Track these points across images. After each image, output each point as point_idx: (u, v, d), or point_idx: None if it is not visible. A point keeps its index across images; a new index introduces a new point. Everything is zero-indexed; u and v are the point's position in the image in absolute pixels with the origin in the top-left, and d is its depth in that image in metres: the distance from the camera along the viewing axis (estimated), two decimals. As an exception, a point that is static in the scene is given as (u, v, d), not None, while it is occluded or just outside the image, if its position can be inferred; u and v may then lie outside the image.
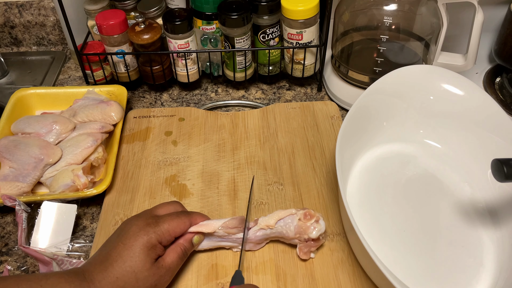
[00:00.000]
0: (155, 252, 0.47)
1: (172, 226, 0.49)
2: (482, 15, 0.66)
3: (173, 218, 0.49)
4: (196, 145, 0.67)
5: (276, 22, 0.72)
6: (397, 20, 0.69)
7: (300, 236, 0.51)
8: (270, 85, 0.81)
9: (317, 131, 0.69)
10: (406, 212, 0.57)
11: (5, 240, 0.58)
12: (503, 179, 0.46)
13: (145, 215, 0.50)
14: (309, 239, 0.51)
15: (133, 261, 0.45)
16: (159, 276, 0.47)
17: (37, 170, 0.60)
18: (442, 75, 0.61)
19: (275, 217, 0.52)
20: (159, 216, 0.50)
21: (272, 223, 0.51)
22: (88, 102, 0.69)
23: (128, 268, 0.45)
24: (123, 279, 0.45)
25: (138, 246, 0.46)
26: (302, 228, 0.51)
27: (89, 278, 0.44)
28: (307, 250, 0.52)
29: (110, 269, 0.45)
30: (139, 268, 0.45)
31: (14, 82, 0.84)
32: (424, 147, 0.64)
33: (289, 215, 0.51)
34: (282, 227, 0.51)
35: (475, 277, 0.51)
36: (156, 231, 0.47)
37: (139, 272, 0.45)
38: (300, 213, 0.51)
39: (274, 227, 0.51)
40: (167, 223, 0.48)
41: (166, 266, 0.48)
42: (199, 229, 0.51)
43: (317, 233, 0.50)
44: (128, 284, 0.45)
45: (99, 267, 0.45)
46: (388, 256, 0.51)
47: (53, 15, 0.89)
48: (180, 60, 0.74)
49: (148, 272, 0.46)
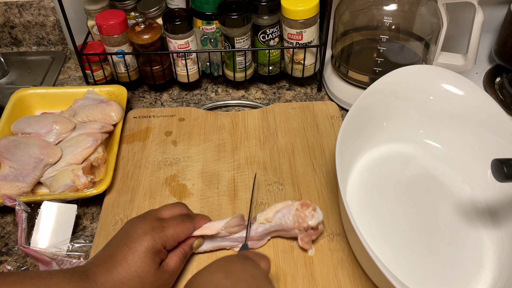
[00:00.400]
0: (159, 257, 0.47)
1: (177, 232, 0.49)
2: (482, 15, 0.66)
3: (178, 223, 0.49)
4: (196, 145, 0.67)
5: (276, 22, 0.72)
6: (397, 20, 0.69)
7: (300, 225, 0.51)
8: (270, 85, 0.81)
9: (317, 131, 0.69)
10: (406, 212, 0.57)
11: (5, 240, 0.57)
12: (503, 179, 0.46)
13: (150, 217, 0.49)
14: (308, 227, 0.51)
15: (139, 266, 0.45)
16: (163, 281, 0.47)
17: (37, 170, 0.60)
18: (442, 75, 0.61)
19: (272, 209, 0.52)
20: (164, 219, 0.49)
21: (270, 216, 0.52)
22: (88, 102, 0.69)
23: (134, 273, 0.45)
24: (128, 284, 0.44)
25: (143, 250, 0.45)
26: (300, 217, 0.51)
27: (92, 279, 0.44)
28: (308, 240, 0.52)
29: (114, 272, 0.44)
30: (144, 273, 0.45)
31: (14, 82, 0.84)
32: (424, 147, 0.64)
33: (286, 207, 0.52)
34: (280, 218, 0.52)
35: (475, 277, 0.51)
36: (161, 236, 0.47)
37: (145, 277, 0.45)
38: (297, 204, 0.52)
39: (272, 220, 0.52)
40: (172, 228, 0.48)
41: (170, 271, 0.48)
42: (203, 232, 0.51)
43: (315, 221, 0.51)
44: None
45: (102, 268, 0.45)
46: (388, 256, 0.51)
47: (53, 15, 0.89)
48: (180, 60, 0.74)
49: (153, 277, 0.46)
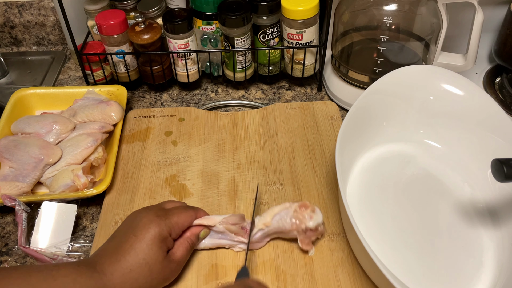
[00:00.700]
0: (166, 245, 0.47)
1: (181, 219, 0.49)
2: (482, 15, 0.66)
3: (181, 211, 0.50)
4: (196, 145, 0.67)
5: (276, 22, 0.72)
6: (397, 20, 0.69)
7: (298, 227, 0.51)
8: (270, 85, 0.81)
9: (317, 131, 0.69)
10: (406, 212, 0.57)
11: (5, 240, 0.57)
12: (503, 179, 0.46)
13: (154, 207, 0.50)
14: (307, 229, 0.51)
15: (147, 253, 0.45)
16: (171, 270, 0.48)
17: (37, 170, 0.60)
18: (442, 75, 0.61)
19: (270, 213, 0.52)
20: (167, 209, 0.50)
21: (268, 221, 0.52)
22: (88, 102, 0.69)
23: (142, 260, 0.45)
24: (136, 271, 0.45)
25: (150, 238, 0.46)
26: (298, 219, 0.51)
27: (100, 269, 0.44)
28: (308, 241, 0.52)
29: (122, 260, 0.45)
30: (153, 260, 0.45)
31: (14, 82, 0.84)
32: (424, 147, 0.64)
33: (284, 209, 0.52)
34: (278, 221, 0.52)
35: (475, 277, 0.51)
36: (167, 224, 0.48)
37: (153, 264, 0.45)
38: (295, 205, 0.52)
39: (271, 224, 0.52)
40: (176, 216, 0.49)
41: (176, 260, 0.48)
42: (201, 222, 0.51)
43: (314, 222, 0.51)
44: (141, 276, 0.45)
45: (110, 258, 0.45)
46: (388, 256, 0.51)
47: (53, 15, 0.89)
48: (180, 60, 0.74)
49: (161, 264, 0.46)
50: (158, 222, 0.47)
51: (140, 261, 0.45)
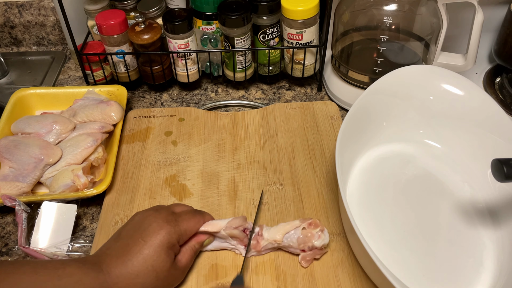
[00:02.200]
0: (173, 251, 0.47)
1: (190, 226, 0.49)
2: (482, 15, 0.66)
3: (190, 218, 0.50)
4: (196, 145, 0.67)
5: (276, 22, 0.72)
6: (397, 20, 0.69)
7: (304, 245, 0.51)
8: (270, 85, 0.81)
9: (317, 131, 0.69)
10: (406, 212, 0.57)
11: (5, 240, 0.57)
12: (503, 179, 0.46)
13: (163, 211, 0.50)
14: (312, 247, 0.51)
15: (155, 260, 0.45)
16: (175, 277, 0.48)
17: (37, 170, 0.60)
18: (442, 75, 0.61)
19: (281, 231, 0.51)
20: (176, 213, 0.50)
21: (279, 238, 0.51)
22: (88, 102, 0.69)
23: (150, 267, 0.45)
24: (143, 277, 0.45)
25: (159, 245, 0.46)
26: (306, 236, 0.51)
27: (106, 271, 0.44)
28: (310, 259, 0.52)
29: (129, 265, 0.44)
30: (160, 267, 0.45)
31: (14, 82, 0.84)
32: (424, 147, 0.64)
33: (294, 228, 0.52)
34: (287, 238, 0.51)
35: (475, 277, 0.51)
36: (176, 231, 0.47)
37: (160, 271, 0.45)
38: (306, 223, 0.52)
39: (282, 242, 0.51)
40: (186, 223, 0.49)
41: (182, 267, 0.49)
42: (206, 229, 0.51)
43: (321, 242, 0.51)
44: (147, 282, 0.45)
45: (116, 260, 0.45)
46: (388, 256, 0.51)
47: (53, 15, 0.89)
48: (180, 60, 0.74)
49: (168, 272, 0.46)
50: (168, 229, 0.47)
51: (147, 267, 0.45)
